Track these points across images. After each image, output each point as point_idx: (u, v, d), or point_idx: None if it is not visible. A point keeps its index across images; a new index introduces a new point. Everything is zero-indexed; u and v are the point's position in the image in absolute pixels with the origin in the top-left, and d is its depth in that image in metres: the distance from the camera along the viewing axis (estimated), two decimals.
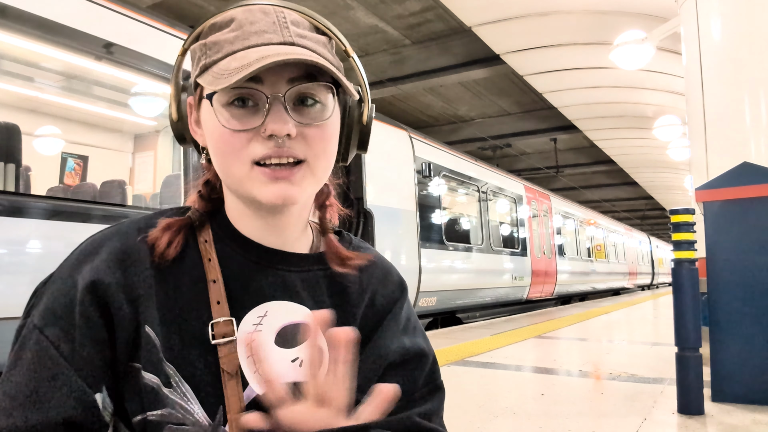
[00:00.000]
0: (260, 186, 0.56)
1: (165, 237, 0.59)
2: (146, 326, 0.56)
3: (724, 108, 3.44)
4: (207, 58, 0.56)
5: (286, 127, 0.54)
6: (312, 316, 0.60)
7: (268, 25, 0.56)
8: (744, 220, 2.58)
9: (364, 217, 5.34)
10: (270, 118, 0.54)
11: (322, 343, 0.60)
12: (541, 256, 10.07)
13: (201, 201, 0.65)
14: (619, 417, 2.37)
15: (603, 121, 10.30)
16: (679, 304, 2.44)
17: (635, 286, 19.30)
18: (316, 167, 0.58)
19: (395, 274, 0.73)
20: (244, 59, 0.52)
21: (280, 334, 0.60)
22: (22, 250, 2.61)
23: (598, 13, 6.24)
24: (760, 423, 2.22)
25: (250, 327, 0.59)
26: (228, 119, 0.55)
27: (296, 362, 0.60)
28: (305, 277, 0.64)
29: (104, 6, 3.07)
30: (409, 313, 0.71)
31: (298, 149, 0.56)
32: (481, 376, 3.24)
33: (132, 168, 4.85)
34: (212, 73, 0.54)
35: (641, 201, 23.19)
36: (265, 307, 0.60)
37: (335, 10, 7.96)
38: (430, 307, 6.48)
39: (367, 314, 0.66)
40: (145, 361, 0.55)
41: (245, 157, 0.55)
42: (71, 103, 4.45)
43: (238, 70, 0.51)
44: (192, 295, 0.59)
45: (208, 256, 0.61)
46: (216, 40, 0.56)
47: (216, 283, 0.59)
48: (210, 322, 0.58)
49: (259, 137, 0.55)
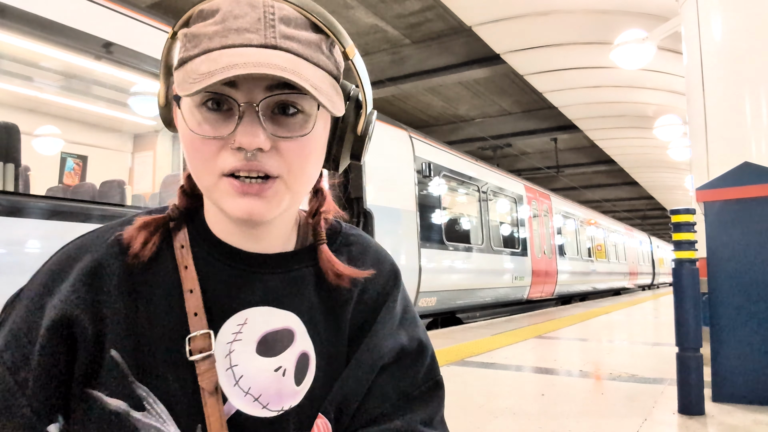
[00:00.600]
0: (228, 199, 0.51)
1: (141, 236, 0.55)
2: (112, 350, 0.52)
3: (725, 107, 3.43)
4: (185, 51, 0.51)
5: (256, 140, 0.48)
6: (296, 320, 0.57)
7: (251, 22, 0.49)
8: (745, 220, 2.57)
9: (363, 217, 5.33)
10: (240, 129, 0.48)
11: (307, 349, 0.58)
12: (542, 256, 10.06)
13: (183, 197, 0.60)
14: (620, 417, 2.36)
15: (603, 121, 10.29)
16: (680, 304, 2.44)
17: (636, 286, 19.29)
18: (292, 184, 0.52)
19: (388, 263, 0.67)
20: (214, 63, 0.47)
21: (261, 343, 0.56)
22: (22, 250, 2.61)
23: (598, 13, 6.23)
24: (760, 423, 2.21)
25: (229, 337, 0.55)
26: (198, 124, 0.50)
27: (279, 371, 0.56)
28: (290, 277, 0.59)
29: (103, 5, 3.07)
30: (405, 304, 0.67)
31: (271, 164, 0.50)
32: (481, 376, 3.24)
33: (131, 168, 4.85)
34: (183, 72, 0.49)
35: (642, 201, 23.18)
36: (245, 315, 0.56)
37: (335, 9, 7.95)
38: (430, 307, 6.48)
39: (357, 310, 0.62)
40: (108, 386, 0.51)
41: (214, 167, 0.50)
42: (71, 103, 4.44)
43: (204, 76, 0.46)
44: (166, 307, 0.55)
45: (184, 264, 0.56)
46: (196, 32, 0.50)
47: (193, 293, 0.55)
48: (187, 337, 0.53)
49: (227, 148, 0.50)
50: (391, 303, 0.65)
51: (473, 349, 4.33)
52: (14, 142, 2.90)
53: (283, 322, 0.57)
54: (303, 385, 0.57)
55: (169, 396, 0.52)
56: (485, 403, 2.62)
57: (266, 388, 0.55)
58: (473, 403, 2.60)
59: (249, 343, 0.56)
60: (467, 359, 3.83)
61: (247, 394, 0.55)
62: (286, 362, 0.56)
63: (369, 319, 0.63)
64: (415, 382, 0.62)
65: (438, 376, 0.65)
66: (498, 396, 2.77)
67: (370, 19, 8.37)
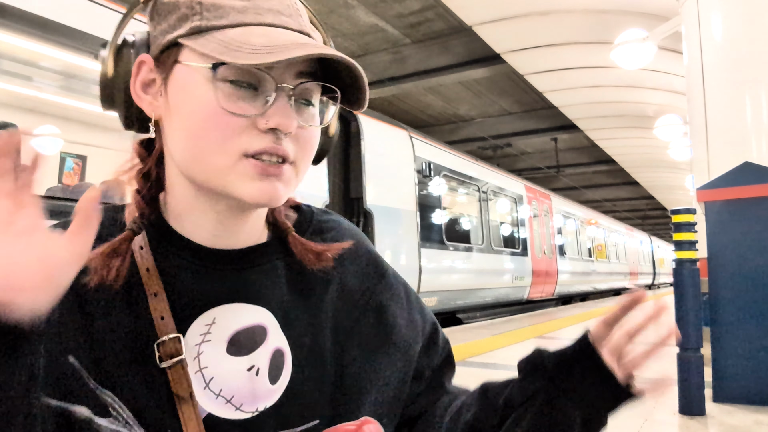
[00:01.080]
0: (246, 181, 0.48)
1: (114, 266, 0.50)
2: (70, 356, 0.48)
3: (726, 107, 3.43)
4: (203, 20, 0.48)
5: (292, 123, 0.48)
6: (268, 315, 0.55)
7: (282, 6, 0.49)
8: (745, 220, 2.57)
9: (363, 217, 5.33)
10: (275, 110, 0.47)
11: (281, 345, 0.55)
12: (542, 256, 10.06)
13: (142, 203, 0.54)
14: (620, 417, 2.35)
15: (604, 121, 10.29)
16: (681, 305, 2.43)
17: (636, 286, 19.24)
18: (301, 170, 0.52)
19: (363, 246, 0.65)
20: (270, 39, 0.46)
21: (231, 342, 0.53)
22: None
23: (598, 12, 6.23)
24: (761, 423, 2.21)
25: (197, 338, 0.52)
26: (227, 97, 0.47)
27: (252, 370, 0.53)
28: (260, 270, 0.56)
29: (103, 5, 3.06)
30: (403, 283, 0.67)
31: (290, 149, 0.49)
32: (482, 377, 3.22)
33: None
34: (220, 41, 0.46)
35: (642, 201, 23.18)
36: (212, 314, 0.53)
37: (335, 8, 7.95)
38: (430, 307, 6.43)
39: (340, 302, 0.60)
40: (72, 394, 0.48)
41: (233, 147, 0.47)
42: (70, 103, 4.44)
43: (267, 49, 0.45)
44: (131, 312, 0.51)
45: (146, 266, 0.52)
46: (215, 2, 0.48)
47: (158, 296, 0.51)
48: (155, 342, 0.50)
49: (253, 129, 0.47)
50: (386, 284, 0.64)
51: (473, 349, 4.33)
52: None
53: (254, 318, 0.54)
54: (279, 383, 0.54)
55: (138, 403, 0.49)
56: None
57: (239, 389, 0.52)
58: None
59: (218, 343, 0.53)
60: (467, 359, 3.82)
61: (219, 397, 0.52)
62: (259, 361, 0.54)
63: (359, 307, 0.61)
64: (437, 352, 0.67)
65: (443, 335, 0.69)
66: None
67: (370, 18, 8.37)
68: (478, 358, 3.88)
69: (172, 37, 0.49)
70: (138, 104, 0.53)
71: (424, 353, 0.64)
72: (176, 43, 0.49)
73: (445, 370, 0.68)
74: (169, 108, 0.51)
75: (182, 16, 0.49)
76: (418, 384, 0.63)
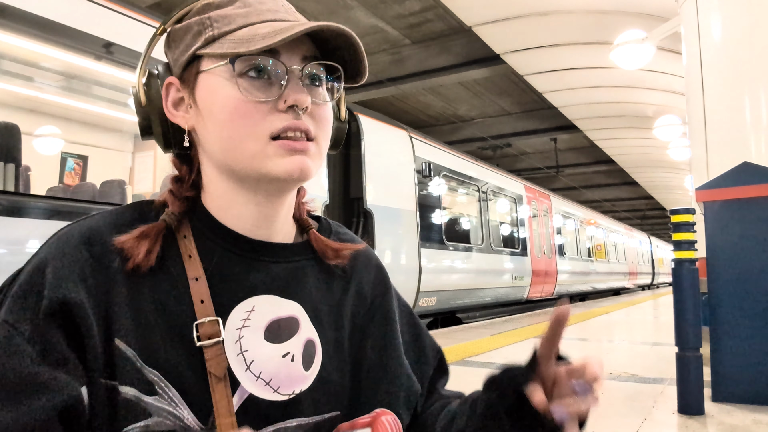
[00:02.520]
0: (277, 159, 0.54)
1: (143, 247, 0.54)
2: (116, 339, 0.51)
3: (725, 107, 3.44)
4: (215, 30, 0.55)
5: (306, 99, 0.54)
6: (299, 309, 0.61)
7: (277, 6, 0.57)
8: (744, 219, 2.58)
9: (363, 217, 5.33)
10: (290, 90, 0.53)
11: (312, 336, 0.61)
12: (542, 256, 10.07)
13: (175, 201, 0.59)
14: (619, 417, 2.37)
15: (603, 121, 10.29)
16: (680, 304, 2.44)
17: (635, 286, 19.28)
18: (323, 147, 0.58)
19: (374, 259, 0.73)
20: (275, 27, 0.52)
21: (268, 329, 0.57)
22: (22, 249, 2.61)
23: (598, 13, 6.24)
24: (760, 423, 2.22)
25: (238, 323, 0.56)
26: (245, 89, 0.53)
27: (288, 357, 0.58)
28: (291, 267, 0.62)
29: (103, 5, 3.07)
30: (403, 302, 0.74)
31: (310, 125, 0.55)
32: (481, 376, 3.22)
33: (132, 168, 4.85)
34: (232, 40, 0.53)
35: (641, 201, 23.18)
36: (252, 302, 0.57)
37: (335, 9, 7.96)
38: (430, 307, 6.48)
39: (356, 301, 0.67)
40: (120, 375, 0.51)
41: (262, 130, 0.53)
42: (71, 103, 4.44)
43: (273, 33, 0.51)
44: (173, 295, 0.55)
45: (188, 253, 0.57)
46: (224, 14, 0.55)
47: (198, 281, 0.56)
48: (194, 323, 0.54)
49: (275, 111, 0.54)
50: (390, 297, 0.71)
51: (473, 349, 4.33)
52: (15, 142, 2.90)
53: (288, 310, 0.59)
54: (312, 369, 0.59)
55: (182, 382, 0.52)
56: None
57: (276, 373, 0.57)
58: None
59: (257, 330, 0.57)
60: (467, 359, 3.83)
61: (259, 379, 0.56)
62: (294, 348, 0.58)
63: (371, 308, 0.68)
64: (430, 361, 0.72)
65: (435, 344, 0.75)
66: None
67: (370, 19, 8.37)
68: (478, 358, 3.89)
69: (191, 53, 0.56)
70: (172, 120, 0.59)
71: (416, 362, 0.71)
72: (195, 56, 0.56)
73: (437, 376, 0.73)
74: (200, 114, 0.57)
75: (196, 33, 0.56)
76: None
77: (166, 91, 0.59)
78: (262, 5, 0.56)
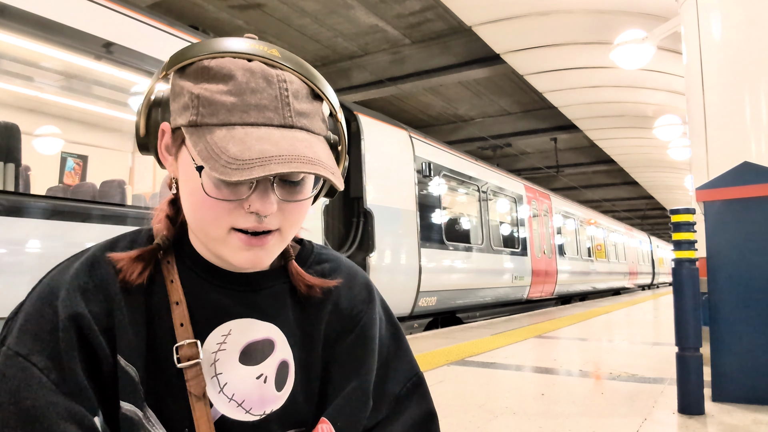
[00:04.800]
0: (235, 251, 0.56)
1: (137, 268, 0.58)
2: (119, 357, 0.55)
3: (725, 107, 3.43)
4: (198, 116, 0.53)
5: (271, 207, 0.53)
6: (276, 330, 0.62)
7: (269, 99, 0.53)
8: (744, 219, 2.57)
9: (363, 217, 5.33)
10: (256, 196, 0.53)
11: (287, 357, 0.63)
12: (542, 256, 10.06)
13: (170, 226, 0.63)
14: (619, 417, 2.37)
15: (603, 121, 10.29)
16: (680, 304, 2.44)
17: (636, 285, 19.29)
18: (288, 235, 0.59)
19: (360, 276, 0.73)
20: (247, 149, 0.50)
21: (244, 352, 0.60)
22: (22, 249, 2.61)
23: (598, 13, 6.23)
24: (760, 423, 2.22)
25: (214, 347, 0.59)
26: (214, 186, 0.53)
27: (261, 378, 0.60)
28: (269, 292, 0.64)
29: (103, 5, 3.07)
30: (389, 319, 0.73)
31: (275, 221, 0.56)
32: (481, 376, 3.24)
33: (132, 167, 4.85)
34: (206, 143, 0.52)
35: (641, 201, 23.18)
36: (229, 326, 0.60)
37: (335, 9, 7.96)
38: (430, 306, 6.48)
39: (331, 320, 0.67)
40: (122, 392, 0.54)
41: (224, 223, 0.55)
42: (71, 103, 4.44)
43: (241, 163, 0.49)
44: (156, 318, 0.58)
45: (170, 278, 0.60)
46: (211, 98, 0.53)
47: (179, 305, 0.59)
48: (174, 346, 0.57)
49: (241, 208, 0.54)
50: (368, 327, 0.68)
51: (473, 348, 4.33)
52: (15, 142, 2.90)
53: (264, 332, 0.62)
54: (284, 390, 0.62)
55: (159, 401, 0.56)
56: (485, 402, 2.62)
57: (249, 394, 0.59)
58: (473, 403, 2.61)
59: (232, 353, 0.60)
60: (467, 359, 3.83)
61: (231, 400, 0.59)
62: (267, 370, 0.61)
63: (346, 328, 0.67)
64: (399, 381, 0.69)
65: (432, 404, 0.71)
66: (498, 396, 2.77)
67: (370, 19, 8.37)
68: (478, 358, 3.89)
69: (177, 124, 0.56)
70: (163, 162, 0.61)
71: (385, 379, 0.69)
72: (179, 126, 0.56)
73: (406, 404, 0.69)
74: (177, 170, 0.59)
75: (185, 105, 0.55)
76: (377, 410, 0.67)
77: (161, 134, 0.59)
78: (252, 96, 0.52)
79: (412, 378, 0.71)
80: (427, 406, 0.70)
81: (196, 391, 0.56)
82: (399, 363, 0.71)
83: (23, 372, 0.50)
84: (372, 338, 0.68)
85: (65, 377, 0.51)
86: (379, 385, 0.67)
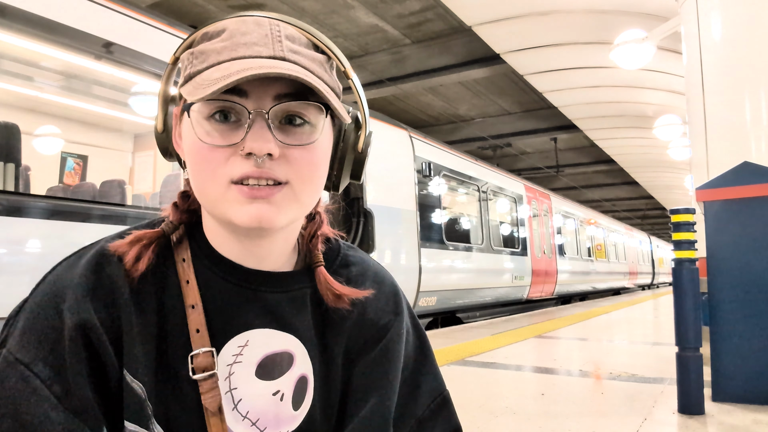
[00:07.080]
0: (236, 206, 0.50)
1: (133, 251, 0.53)
2: (125, 372, 0.51)
3: (725, 107, 3.43)
4: (192, 68, 0.52)
5: (266, 145, 0.49)
6: (296, 342, 0.57)
7: (259, 37, 0.51)
8: (744, 219, 2.57)
9: (364, 217, 5.33)
10: (250, 136, 0.49)
11: (306, 372, 0.58)
12: (542, 256, 10.06)
13: (176, 212, 0.59)
14: (620, 417, 2.37)
15: (603, 121, 10.29)
16: (680, 304, 2.44)
17: (636, 285, 19.29)
18: (300, 191, 0.52)
19: (388, 283, 0.67)
20: (226, 70, 0.48)
21: (261, 365, 0.55)
22: (22, 249, 2.61)
23: (598, 13, 6.23)
24: (760, 423, 2.22)
25: (229, 359, 0.54)
26: (206, 133, 0.50)
27: (277, 395, 0.56)
28: (290, 296, 0.59)
29: (103, 5, 3.07)
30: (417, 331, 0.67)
31: (280, 171, 0.51)
32: (481, 376, 3.24)
33: (132, 167, 4.85)
34: (193, 83, 0.50)
35: (641, 200, 23.18)
36: (246, 336, 0.55)
37: (335, 9, 7.96)
38: (430, 306, 6.48)
39: (354, 332, 0.62)
40: (127, 411, 0.50)
41: (222, 175, 0.50)
42: (71, 103, 4.44)
43: (216, 80, 0.47)
44: (170, 322, 0.54)
45: (186, 278, 0.55)
46: (203, 49, 0.52)
47: (195, 308, 0.54)
48: (189, 354, 0.52)
49: (238, 155, 0.50)
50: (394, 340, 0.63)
51: (473, 348, 4.33)
52: (15, 142, 2.90)
53: (284, 344, 0.57)
54: (301, 409, 0.57)
55: (168, 414, 0.51)
56: (485, 402, 2.62)
57: (264, 413, 0.55)
58: (473, 403, 2.61)
59: (249, 366, 0.55)
60: (467, 359, 3.83)
61: (245, 418, 0.54)
62: (285, 386, 0.56)
63: (370, 341, 0.62)
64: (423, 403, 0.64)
65: (458, 421, 0.67)
66: (498, 396, 2.77)
67: (370, 18, 8.37)
68: (478, 358, 3.89)
69: (178, 89, 0.54)
70: (177, 150, 0.57)
71: (408, 399, 0.65)
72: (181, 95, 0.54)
73: (429, 426, 0.66)
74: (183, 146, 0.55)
75: (184, 68, 0.53)
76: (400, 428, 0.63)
77: (174, 121, 0.57)
78: (242, 37, 0.50)
79: (436, 398, 0.66)
80: (452, 427, 0.67)
81: (212, 406, 0.51)
82: (424, 380, 0.65)
83: (24, 382, 0.46)
84: (398, 355, 0.63)
85: (69, 391, 0.47)
86: (402, 405, 0.62)
